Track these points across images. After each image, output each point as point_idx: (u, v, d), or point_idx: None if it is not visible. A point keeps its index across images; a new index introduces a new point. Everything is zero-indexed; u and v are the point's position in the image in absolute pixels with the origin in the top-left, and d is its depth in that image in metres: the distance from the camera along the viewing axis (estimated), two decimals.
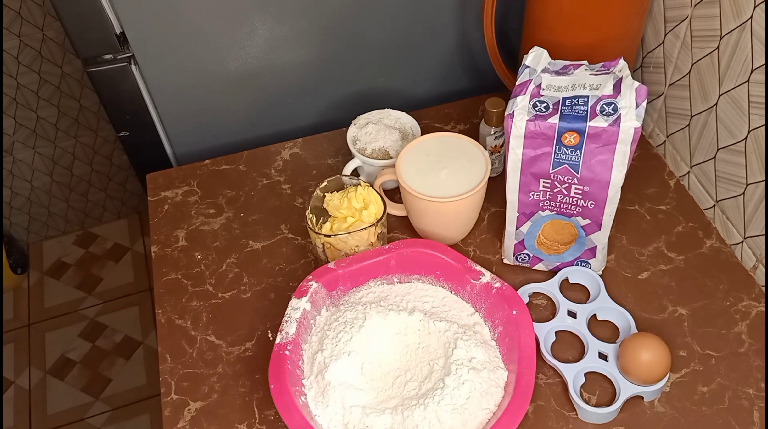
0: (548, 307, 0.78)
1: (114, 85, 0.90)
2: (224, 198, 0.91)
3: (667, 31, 0.85)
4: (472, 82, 1.05)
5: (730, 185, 0.79)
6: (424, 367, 0.68)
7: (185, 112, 0.96)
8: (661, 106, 0.90)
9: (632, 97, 0.64)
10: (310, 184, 0.92)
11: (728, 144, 0.78)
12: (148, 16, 0.84)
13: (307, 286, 0.72)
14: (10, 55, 1.47)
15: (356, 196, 0.76)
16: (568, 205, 0.71)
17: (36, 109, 1.59)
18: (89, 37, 0.85)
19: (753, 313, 0.76)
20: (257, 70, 0.94)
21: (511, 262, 0.81)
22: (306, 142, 0.97)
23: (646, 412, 0.69)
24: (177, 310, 0.80)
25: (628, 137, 0.63)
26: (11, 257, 1.75)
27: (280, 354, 0.67)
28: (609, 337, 0.74)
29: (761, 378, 0.71)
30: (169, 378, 0.74)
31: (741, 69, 0.73)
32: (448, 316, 0.72)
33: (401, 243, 0.75)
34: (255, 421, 0.71)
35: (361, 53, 0.97)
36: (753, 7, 0.69)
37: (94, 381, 1.62)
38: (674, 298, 0.77)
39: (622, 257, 0.81)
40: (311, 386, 0.67)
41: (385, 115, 0.90)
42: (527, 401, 0.62)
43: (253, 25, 0.88)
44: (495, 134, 0.84)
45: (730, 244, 0.81)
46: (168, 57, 0.89)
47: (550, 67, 0.69)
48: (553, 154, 0.66)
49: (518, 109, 0.65)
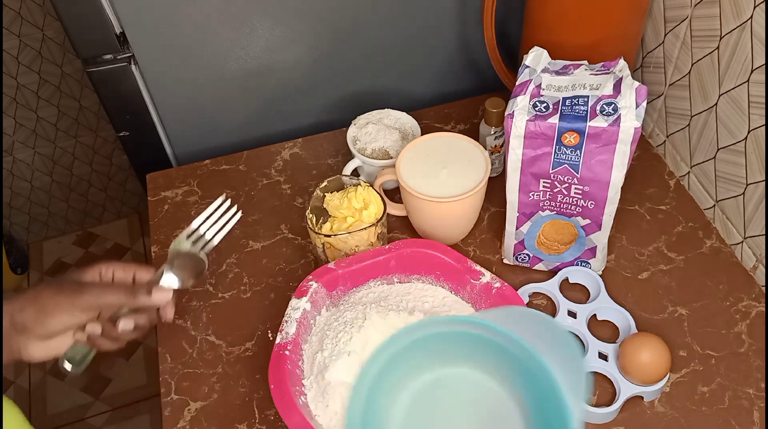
0: (548, 307, 0.78)
1: (114, 85, 0.90)
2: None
3: (667, 31, 0.85)
4: (472, 82, 1.05)
5: (730, 185, 0.79)
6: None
7: (185, 112, 0.96)
8: (661, 106, 0.90)
9: (632, 97, 0.64)
10: (310, 184, 0.92)
11: (728, 144, 0.78)
12: (148, 16, 0.84)
13: (307, 286, 0.72)
14: (10, 55, 1.47)
15: (356, 196, 0.76)
16: (568, 205, 0.71)
17: (36, 109, 1.59)
18: (89, 37, 0.85)
19: (753, 313, 0.76)
20: (257, 70, 0.94)
21: (511, 262, 0.81)
22: (306, 142, 0.97)
23: (646, 412, 0.69)
24: (177, 310, 0.80)
25: (628, 137, 0.63)
26: (11, 257, 1.75)
27: (280, 354, 0.67)
28: (609, 337, 0.74)
29: (761, 378, 0.71)
30: (169, 378, 0.74)
31: (741, 69, 0.73)
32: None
33: (401, 243, 0.75)
34: (255, 421, 0.71)
35: (361, 53, 0.97)
36: (753, 7, 0.69)
37: (94, 381, 1.62)
38: (674, 298, 0.77)
39: (622, 257, 0.81)
40: (311, 386, 0.67)
41: (385, 115, 0.90)
42: None
43: (253, 25, 0.88)
44: (495, 134, 0.84)
45: (730, 244, 0.81)
46: (168, 57, 0.89)
47: (550, 67, 0.69)
48: (553, 154, 0.66)
49: (518, 109, 0.65)
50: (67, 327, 0.65)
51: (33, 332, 0.63)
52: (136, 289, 0.65)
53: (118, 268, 0.69)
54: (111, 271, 0.68)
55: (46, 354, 0.66)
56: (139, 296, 0.65)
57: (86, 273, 0.67)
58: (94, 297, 0.64)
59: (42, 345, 0.65)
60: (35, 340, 0.64)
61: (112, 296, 0.64)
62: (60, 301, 0.63)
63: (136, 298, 0.65)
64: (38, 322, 0.63)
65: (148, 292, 0.65)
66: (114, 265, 0.68)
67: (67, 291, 0.64)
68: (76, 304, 0.63)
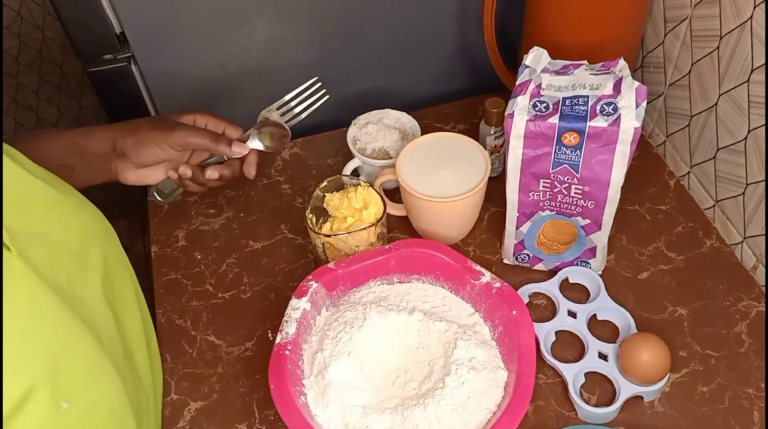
0: (548, 307, 0.78)
1: (114, 85, 0.90)
2: (224, 198, 0.91)
3: (667, 31, 0.85)
4: (472, 82, 1.05)
5: (730, 185, 0.79)
6: (424, 367, 0.68)
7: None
8: (661, 106, 0.90)
9: (632, 97, 0.64)
10: (310, 184, 0.92)
11: (728, 144, 0.78)
12: (148, 16, 0.84)
13: (307, 286, 0.72)
14: (10, 55, 1.47)
15: (356, 196, 0.76)
16: (568, 205, 0.71)
17: (36, 109, 1.59)
18: (89, 37, 0.85)
19: (753, 313, 0.76)
20: (257, 70, 0.93)
21: (511, 262, 0.81)
22: (306, 142, 0.97)
23: (646, 412, 0.69)
24: (177, 310, 0.80)
25: (628, 137, 0.63)
26: None
27: (280, 354, 0.67)
28: (609, 337, 0.74)
29: (761, 378, 0.71)
30: (169, 378, 0.74)
31: (741, 69, 0.73)
32: (448, 316, 0.72)
33: (401, 243, 0.75)
34: (255, 421, 0.71)
35: (360, 53, 0.97)
36: (753, 7, 0.69)
37: None
38: (674, 298, 0.77)
39: (622, 257, 0.81)
40: (311, 386, 0.67)
41: (385, 115, 0.90)
42: (527, 401, 0.62)
43: (253, 25, 0.88)
44: (495, 134, 0.84)
45: (730, 244, 0.81)
46: (168, 57, 0.89)
47: (550, 66, 0.69)
48: (553, 154, 0.66)
49: (518, 109, 0.65)
50: (159, 159, 0.74)
51: (130, 159, 0.73)
52: (220, 138, 0.74)
53: (211, 120, 0.77)
54: (205, 120, 0.77)
55: (138, 180, 0.76)
56: (221, 144, 0.74)
57: (182, 116, 0.76)
58: (183, 135, 0.72)
59: (136, 172, 0.75)
60: (131, 166, 0.74)
61: (198, 138, 0.73)
62: (155, 136, 0.72)
63: (218, 145, 0.74)
64: (134, 151, 0.72)
65: (228, 144, 0.74)
66: (207, 117, 0.77)
67: (162, 127, 0.73)
68: (167, 140, 0.72)
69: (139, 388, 0.63)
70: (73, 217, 0.58)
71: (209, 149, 0.74)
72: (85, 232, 0.58)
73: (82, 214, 0.59)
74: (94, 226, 0.60)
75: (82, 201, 0.61)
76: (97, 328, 0.55)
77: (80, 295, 0.54)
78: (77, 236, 0.57)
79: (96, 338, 0.54)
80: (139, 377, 0.64)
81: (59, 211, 0.56)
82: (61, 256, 0.53)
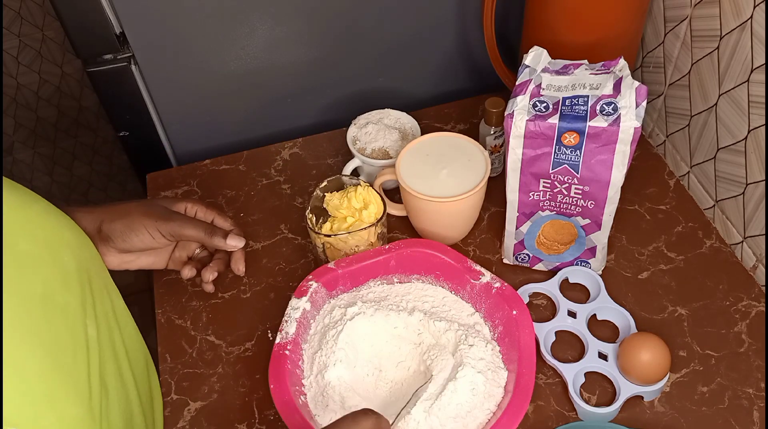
0: (548, 307, 0.78)
1: (114, 85, 0.90)
2: (224, 198, 0.91)
3: (667, 30, 0.85)
4: (472, 82, 1.05)
5: (730, 185, 0.79)
6: (424, 367, 0.68)
7: (185, 113, 0.96)
8: (661, 106, 0.90)
9: (632, 96, 0.64)
10: (310, 184, 0.92)
11: (728, 144, 0.78)
12: (148, 16, 0.84)
13: (307, 286, 0.72)
14: (10, 55, 1.47)
15: (356, 196, 0.76)
16: (568, 205, 0.71)
17: (36, 109, 1.59)
18: (89, 37, 0.85)
19: (753, 312, 0.76)
20: (257, 70, 0.93)
21: (511, 262, 0.81)
22: (306, 142, 0.97)
23: (646, 412, 0.69)
24: (177, 310, 0.80)
25: (628, 137, 0.63)
26: None
27: (280, 354, 0.67)
28: (609, 337, 0.74)
29: (761, 378, 0.71)
30: (169, 378, 0.74)
31: (741, 69, 0.73)
32: (448, 316, 0.72)
33: (401, 243, 0.75)
34: (255, 421, 0.71)
35: (361, 53, 0.97)
36: (753, 7, 0.69)
37: None
38: (674, 298, 0.77)
39: (622, 257, 0.81)
40: (311, 386, 0.67)
41: (385, 115, 0.90)
42: (527, 401, 0.62)
43: (253, 25, 0.88)
44: (495, 134, 0.84)
45: (730, 244, 0.81)
46: (168, 57, 0.89)
47: (550, 66, 0.69)
48: (553, 154, 0.66)
49: (518, 109, 0.65)
50: (147, 246, 0.71)
51: (114, 244, 0.69)
52: (215, 231, 0.72)
53: (201, 209, 0.76)
54: (195, 210, 0.75)
55: (120, 265, 0.72)
56: (216, 238, 0.72)
57: (174, 205, 0.74)
58: (178, 226, 0.70)
59: (119, 256, 0.71)
60: (114, 250, 0.70)
61: (193, 230, 0.71)
62: (147, 223, 0.69)
63: (213, 239, 0.72)
64: (122, 237, 0.69)
65: (224, 237, 0.72)
66: (198, 205, 0.76)
67: (155, 215, 0.70)
68: (161, 229, 0.70)
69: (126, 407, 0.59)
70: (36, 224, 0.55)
71: (203, 242, 0.72)
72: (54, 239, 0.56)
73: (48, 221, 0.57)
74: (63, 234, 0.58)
75: (48, 209, 0.58)
76: (60, 347, 0.50)
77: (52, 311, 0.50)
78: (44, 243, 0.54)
79: (52, 357, 0.49)
80: (127, 395, 0.61)
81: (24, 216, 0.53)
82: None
